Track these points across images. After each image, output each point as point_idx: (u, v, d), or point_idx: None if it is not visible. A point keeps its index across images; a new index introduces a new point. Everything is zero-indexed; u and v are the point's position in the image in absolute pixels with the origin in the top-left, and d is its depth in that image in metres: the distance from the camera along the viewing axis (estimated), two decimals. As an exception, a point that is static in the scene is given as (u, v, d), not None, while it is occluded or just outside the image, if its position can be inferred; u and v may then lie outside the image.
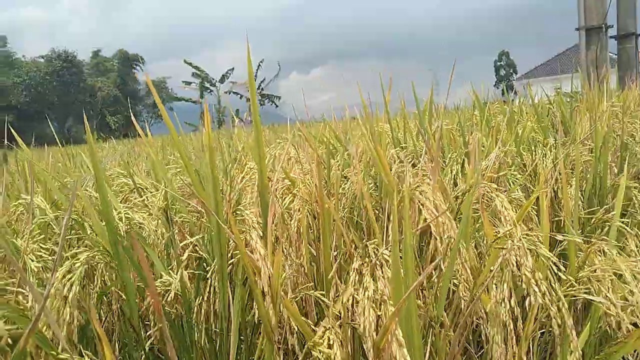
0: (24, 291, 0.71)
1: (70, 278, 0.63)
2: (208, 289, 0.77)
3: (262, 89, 25.83)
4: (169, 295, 0.82)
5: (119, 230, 0.78)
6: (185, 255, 0.75)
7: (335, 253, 0.81)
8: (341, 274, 0.93)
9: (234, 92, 25.36)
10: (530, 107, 2.40)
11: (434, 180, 0.93)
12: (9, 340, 0.49)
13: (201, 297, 0.80)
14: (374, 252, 0.69)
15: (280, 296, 0.60)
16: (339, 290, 0.75)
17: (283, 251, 0.76)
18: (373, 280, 0.65)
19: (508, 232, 0.77)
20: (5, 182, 1.01)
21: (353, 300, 0.79)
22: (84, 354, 0.61)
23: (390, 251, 0.70)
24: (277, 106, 27.33)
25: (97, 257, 0.69)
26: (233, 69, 25.55)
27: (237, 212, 0.75)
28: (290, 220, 0.91)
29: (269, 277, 0.60)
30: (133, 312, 0.74)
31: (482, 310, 0.81)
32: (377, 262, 0.66)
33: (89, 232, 0.87)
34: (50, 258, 0.78)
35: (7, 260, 0.78)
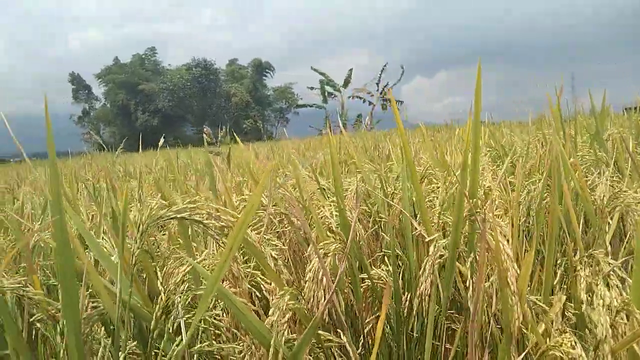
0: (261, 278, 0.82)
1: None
2: (420, 286, 0.82)
3: (385, 93, 25.79)
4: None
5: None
6: (431, 255, 0.81)
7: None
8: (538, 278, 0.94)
9: (357, 97, 25.65)
10: None
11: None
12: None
13: (410, 293, 0.86)
14: (604, 261, 0.69)
15: (525, 297, 0.63)
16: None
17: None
18: (607, 289, 0.65)
19: None
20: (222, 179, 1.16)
21: (563, 306, 0.80)
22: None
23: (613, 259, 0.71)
24: (398, 109, 27.02)
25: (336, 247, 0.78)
26: (352, 69, 25.79)
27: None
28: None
29: (516, 279, 0.63)
30: (357, 297, 0.82)
31: None
32: (610, 272, 0.66)
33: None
34: (279, 247, 0.89)
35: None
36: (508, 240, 0.89)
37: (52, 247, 0.97)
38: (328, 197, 1.26)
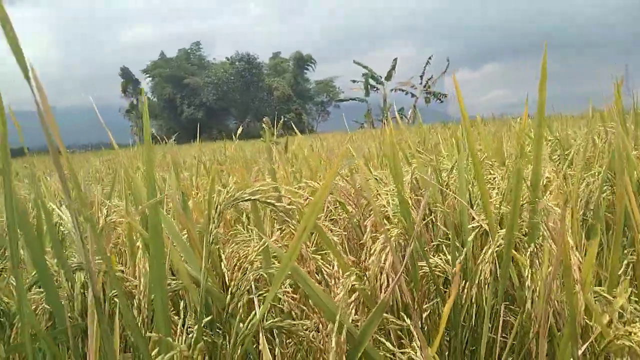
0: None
1: (385, 249, 0.74)
2: (479, 274, 0.83)
3: (429, 86, 25.43)
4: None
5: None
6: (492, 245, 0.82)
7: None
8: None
9: (400, 90, 25.43)
10: None
11: None
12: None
13: (468, 282, 0.87)
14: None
15: (589, 286, 0.63)
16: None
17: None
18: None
19: None
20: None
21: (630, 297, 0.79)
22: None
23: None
24: (442, 102, 26.58)
25: (398, 233, 0.80)
26: (396, 59, 25.55)
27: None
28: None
29: (578, 267, 0.64)
30: (416, 283, 0.84)
31: None
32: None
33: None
34: (339, 232, 0.92)
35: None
36: (569, 230, 0.88)
37: (122, 228, 1.03)
38: (382, 187, 1.27)
